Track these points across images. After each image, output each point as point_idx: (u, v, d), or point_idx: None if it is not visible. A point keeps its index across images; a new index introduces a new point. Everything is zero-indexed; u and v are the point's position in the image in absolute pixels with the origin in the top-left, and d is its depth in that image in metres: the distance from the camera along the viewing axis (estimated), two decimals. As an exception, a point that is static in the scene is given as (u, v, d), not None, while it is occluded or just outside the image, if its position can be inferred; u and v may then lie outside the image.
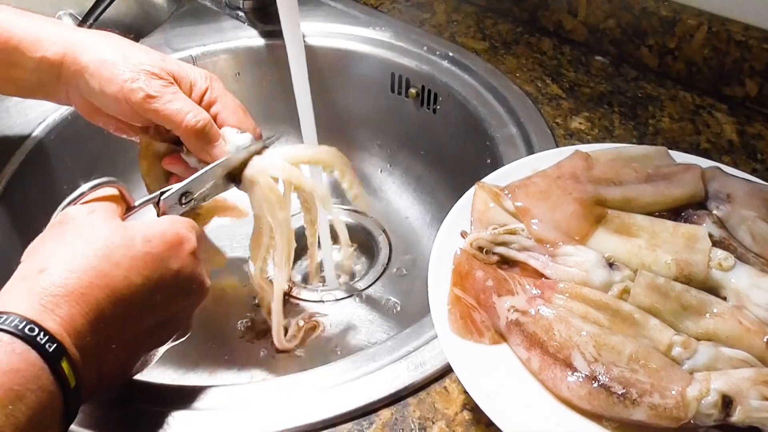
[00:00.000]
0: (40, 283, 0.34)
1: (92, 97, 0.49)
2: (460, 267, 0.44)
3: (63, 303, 0.34)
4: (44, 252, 0.37)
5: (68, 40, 0.49)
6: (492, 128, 0.67)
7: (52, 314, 0.33)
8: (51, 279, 0.34)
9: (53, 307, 0.33)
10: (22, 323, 0.32)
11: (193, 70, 0.52)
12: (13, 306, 0.33)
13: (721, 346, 0.39)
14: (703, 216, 0.47)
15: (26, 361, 0.31)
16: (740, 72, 0.68)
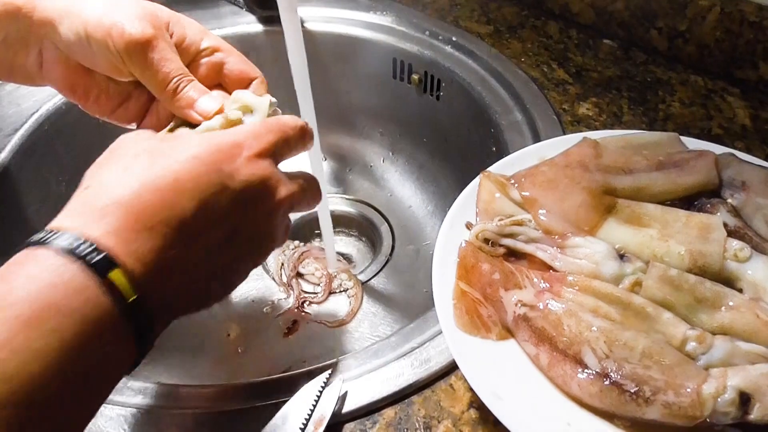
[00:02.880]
0: (83, 198, 0.32)
1: (72, 47, 0.43)
2: (466, 260, 0.42)
3: (110, 213, 0.31)
4: (91, 172, 0.35)
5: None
6: (497, 115, 0.65)
7: (100, 225, 0.31)
8: (96, 192, 0.32)
9: (100, 218, 0.31)
10: (64, 236, 0.30)
11: (186, 18, 0.46)
12: (58, 224, 0.31)
13: (737, 341, 0.37)
14: (717, 205, 0.45)
15: (67, 275, 0.29)
16: (753, 54, 0.65)
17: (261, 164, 0.38)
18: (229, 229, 0.37)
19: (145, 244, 0.31)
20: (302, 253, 0.74)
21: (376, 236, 0.79)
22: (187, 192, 0.34)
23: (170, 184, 0.33)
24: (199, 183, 0.34)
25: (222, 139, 0.37)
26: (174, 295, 0.34)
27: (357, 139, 0.86)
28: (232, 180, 0.36)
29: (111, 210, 0.31)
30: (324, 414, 0.39)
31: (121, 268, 0.30)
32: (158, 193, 0.33)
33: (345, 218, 0.81)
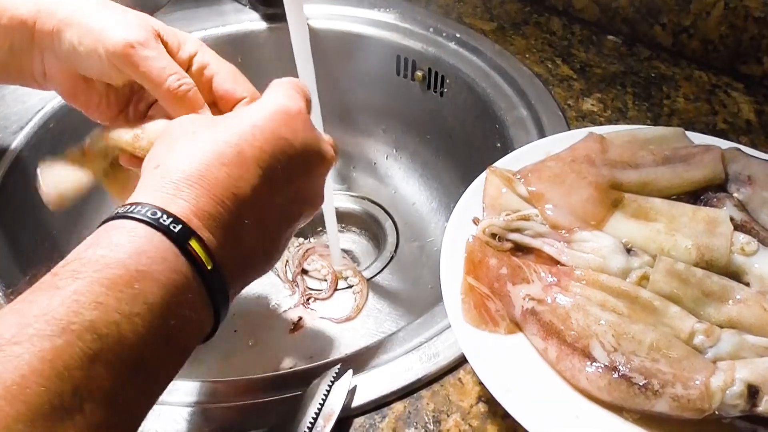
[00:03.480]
0: (158, 174, 0.34)
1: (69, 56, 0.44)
2: (473, 255, 0.43)
3: (184, 186, 0.33)
4: (157, 152, 0.36)
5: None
6: (501, 111, 0.65)
7: (176, 198, 0.32)
8: (168, 169, 0.34)
9: (175, 192, 0.33)
10: (144, 209, 0.31)
11: (181, 32, 0.47)
12: (138, 198, 0.33)
13: (745, 334, 0.37)
14: (724, 199, 0.45)
15: (150, 243, 0.30)
16: (758, 49, 0.65)
17: (310, 124, 0.39)
18: (292, 193, 0.38)
19: (218, 217, 0.33)
20: (307, 250, 0.75)
21: (380, 233, 0.79)
22: (252, 162, 0.35)
23: (235, 157, 0.35)
24: (262, 152, 0.36)
25: (273, 105, 0.38)
26: (244, 263, 0.36)
27: (361, 137, 0.86)
28: (291, 144, 0.37)
29: (184, 185, 0.33)
30: (334, 408, 0.39)
31: (197, 237, 0.32)
32: (224, 168, 0.34)
33: (349, 215, 0.81)
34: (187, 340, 0.32)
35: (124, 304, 0.28)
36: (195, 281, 0.31)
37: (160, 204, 0.32)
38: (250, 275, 0.37)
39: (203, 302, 0.32)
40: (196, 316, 0.32)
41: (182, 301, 0.30)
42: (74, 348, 0.26)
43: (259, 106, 0.38)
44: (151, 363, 0.29)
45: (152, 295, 0.29)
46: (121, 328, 0.27)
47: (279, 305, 0.69)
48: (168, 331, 0.30)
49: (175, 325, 0.30)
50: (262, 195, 0.35)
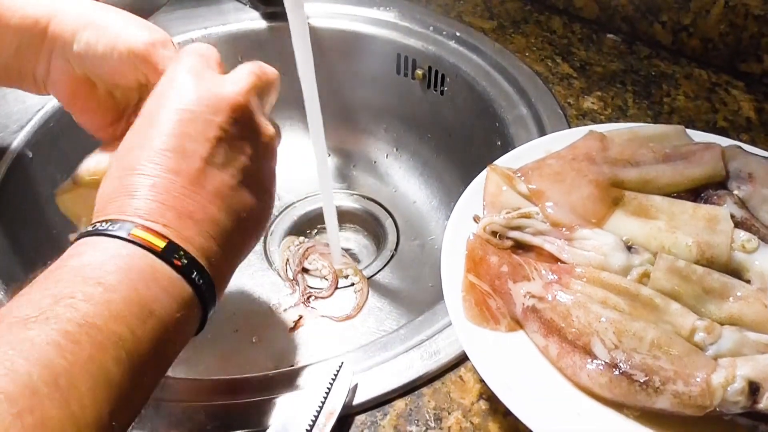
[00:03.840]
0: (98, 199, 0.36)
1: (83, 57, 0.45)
2: (474, 252, 0.43)
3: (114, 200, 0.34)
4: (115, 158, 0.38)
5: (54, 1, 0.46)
6: (502, 109, 0.66)
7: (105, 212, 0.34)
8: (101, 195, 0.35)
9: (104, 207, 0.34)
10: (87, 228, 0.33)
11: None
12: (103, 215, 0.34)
13: (746, 331, 0.37)
14: (724, 196, 0.45)
15: (92, 245, 0.32)
16: (758, 48, 0.66)
17: (198, 80, 0.38)
18: (215, 147, 0.37)
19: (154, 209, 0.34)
20: (307, 248, 0.75)
21: (380, 231, 0.79)
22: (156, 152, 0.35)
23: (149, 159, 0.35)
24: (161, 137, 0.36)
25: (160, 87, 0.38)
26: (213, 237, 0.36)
27: (361, 135, 0.86)
28: (181, 111, 0.37)
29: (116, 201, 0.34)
30: (335, 406, 0.39)
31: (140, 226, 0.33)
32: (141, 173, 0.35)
33: (350, 214, 0.81)
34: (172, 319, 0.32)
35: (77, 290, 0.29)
36: (152, 261, 0.32)
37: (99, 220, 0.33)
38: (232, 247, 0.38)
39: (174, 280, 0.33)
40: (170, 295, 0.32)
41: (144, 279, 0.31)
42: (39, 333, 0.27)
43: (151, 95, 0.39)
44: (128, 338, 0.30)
45: (106, 279, 0.30)
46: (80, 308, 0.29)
47: (279, 304, 0.69)
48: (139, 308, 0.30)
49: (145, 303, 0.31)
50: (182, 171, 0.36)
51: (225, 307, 0.69)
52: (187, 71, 0.39)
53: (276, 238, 0.77)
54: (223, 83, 0.39)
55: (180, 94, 0.37)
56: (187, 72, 0.39)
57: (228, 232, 0.37)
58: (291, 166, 0.84)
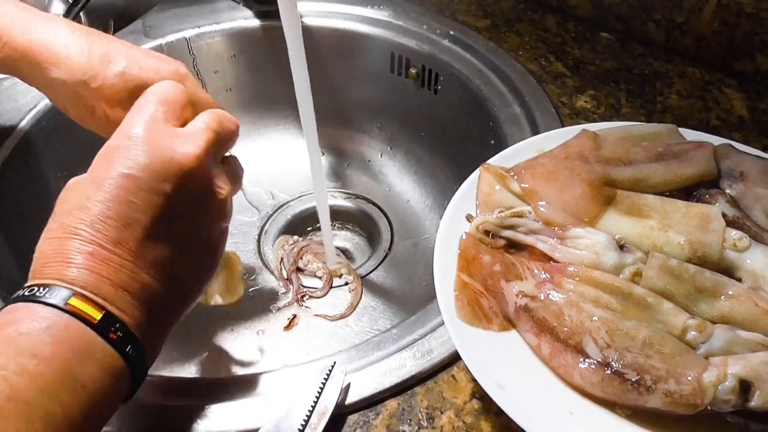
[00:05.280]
0: (31, 269, 0.35)
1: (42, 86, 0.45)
2: (467, 252, 0.43)
3: (46, 268, 0.33)
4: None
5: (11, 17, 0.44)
6: (495, 108, 0.65)
7: (45, 278, 0.33)
8: (34, 262, 0.35)
9: (41, 275, 0.33)
10: (20, 292, 0.33)
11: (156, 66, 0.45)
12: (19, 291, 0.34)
13: (737, 329, 0.38)
14: (716, 195, 0.46)
15: (28, 312, 0.31)
16: (751, 46, 0.66)
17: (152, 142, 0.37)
18: (161, 217, 0.36)
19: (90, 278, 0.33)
20: (301, 247, 0.74)
21: (374, 231, 0.79)
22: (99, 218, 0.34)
23: (83, 223, 0.34)
24: (106, 203, 0.35)
25: (110, 145, 0.37)
26: (148, 307, 0.35)
27: (355, 134, 0.86)
28: (132, 177, 0.35)
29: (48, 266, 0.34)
30: (327, 406, 0.39)
31: (78, 295, 0.32)
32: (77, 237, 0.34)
33: (343, 213, 0.81)
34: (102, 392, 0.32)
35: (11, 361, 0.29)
36: (88, 334, 0.32)
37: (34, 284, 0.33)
38: (166, 315, 0.37)
39: (107, 353, 0.32)
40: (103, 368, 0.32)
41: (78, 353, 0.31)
42: None
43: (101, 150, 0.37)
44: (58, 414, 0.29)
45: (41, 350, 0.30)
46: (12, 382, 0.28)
47: (273, 303, 0.69)
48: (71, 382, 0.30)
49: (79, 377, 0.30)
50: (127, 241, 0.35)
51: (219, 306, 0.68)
52: (143, 127, 0.37)
53: (270, 237, 0.77)
54: (177, 145, 0.37)
55: (129, 157, 0.36)
56: (142, 128, 0.37)
57: (165, 300, 0.37)
58: (284, 165, 0.83)
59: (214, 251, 0.41)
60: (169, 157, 0.36)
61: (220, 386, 0.43)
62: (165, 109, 0.39)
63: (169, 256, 0.37)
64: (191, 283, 0.39)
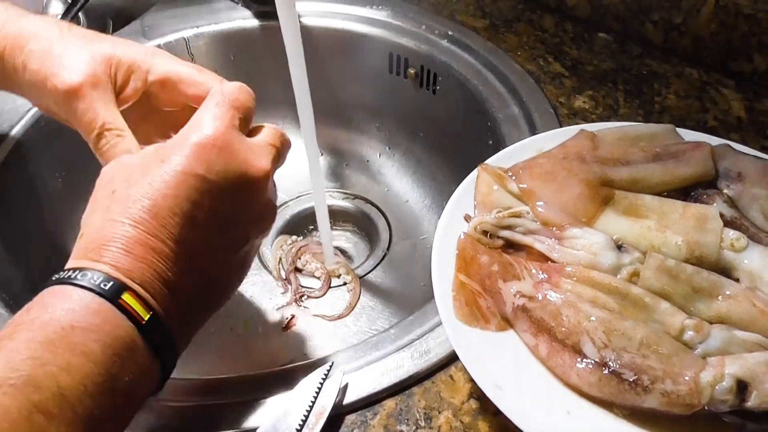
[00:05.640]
0: (80, 246, 0.34)
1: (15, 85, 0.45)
2: (465, 252, 0.43)
3: (105, 252, 0.33)
4: (83, 219, 0.36)
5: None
6: (493, 108, 0.66)
7: (100, 262, 0.33)
8: (87, 240, 0.34)
9: (98, 258, 0.33)
10: (75, 273, 0.32)
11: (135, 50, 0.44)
12: (67, 267, 0.33)
13: (734, 329, 0.38)
14: (714, 195, 0.46)
15: (83, 301, 0.31)
16: (748, 47, 0.66)
17: (229, 147, 0.37)
18: (224, 223, 0.37)
19: (145, 273, 0.33)
20: (300, 248, 0.74)
21: (373, 231, 0.79)
22: (167, 214, 0.34)
23: (148, 214, 0.34)
24: (176, 198, 0.35)
25: (188, 140, 0.36)
26: (190, 308, 0.36)
27: (353, 134, 0.86)
28: (206, 179, 0.36)
29: (107, 249, 0.33)
30: (325, 406, 0.39)
31: (130, 291, 0.32)
32: (140, 226, 0.34)
33: (342, 213, 0.81)
34: (133, 390, 0.32)
35: (60, 357, 0.28)
36: (134, 333, 0.32)
37: (90, 266, 0.32)
38: (199, 316, 0.38)
39: (146, 353, 0.32)
40: (141, 367, 0.32)
41: (122, 353, 0.31)
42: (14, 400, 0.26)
43: (175, 142, 0.37)
44: (96, 414, 0.29)
45: (90, 347, 0.30)
46: (60, 380, 0.28)
47: (272, 303, 0.69)
48: (111, 382, 0.30)
49: (118, 376, 0.30)
50: (185, 241, 0.35)
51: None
52: (223, 132, 0.37)
53: (269, 237, 0.77)
54: (251, 158, 0.38)
55: (207, 159, 0.36)
56: (222, 133, 0.37)
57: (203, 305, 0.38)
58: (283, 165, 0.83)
59: (250, 260, 0.42)
60: (244, 170, 0.37)
61: (217, 386, 0.43)
62: (241, 116, 0.39)
63: (219, 263, 0.38)
64: (228, 291, 0.40)
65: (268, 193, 0.41)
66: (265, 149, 0.40)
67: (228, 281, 0.40)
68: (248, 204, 0.39)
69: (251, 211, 0.39)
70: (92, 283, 0.31)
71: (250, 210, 0.39)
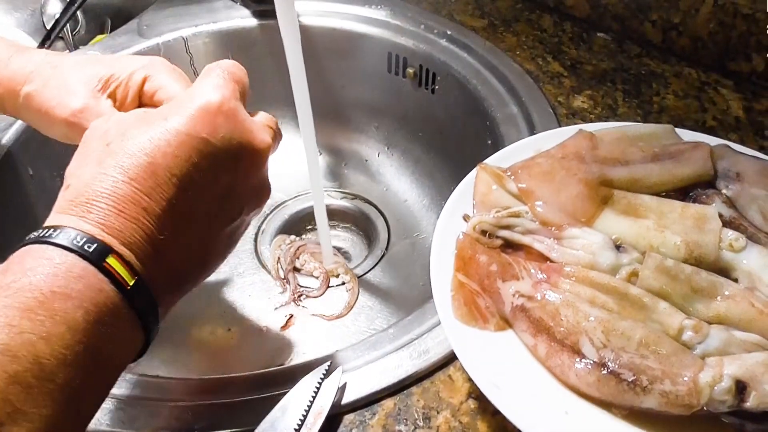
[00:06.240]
0: (66, 197, 0.32)
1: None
2: (463, 251, 0.43)
3: (92, 209, 0.31)
4: (69, 170, 0.35)
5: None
6: (492, 108, 0.66)
7: (86, 219, 0.31)
8: (75, 192, 0.32)
9: (84, 214, 0.31)
10: (57, 231, 0.30)
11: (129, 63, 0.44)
12: (49, 223, 0.32)
13: (733, 330, 0.38)
14: (712, 195, 0.46)
15: (65, 264, 0.29)
16: (747, 47, 0.66)
17: (235, 115, 0.37)
18: (221, 192, 0.36)
19: (133, 234, 0.32)
20: (298, 247, 0.74)
21: (371, 230, 0.79)
22: (164, 172, 0.33)
23: (145, 171, 0.33)
24: (176, 158, 0.33)
25: (192, 103, 0.35)
26: (174, 275, 0.35)
27: (352, 134, 0.86)
28: (210, 143, 0.35)
29: (92, 206, 0.31)
30: (323, 405, 0.39)
31: (115, 254, 0.31)
32: (132, 183, 0.32)
33: (341, 212, 0.81)
34: (115, 358, 0.31)
35: (39, 325, 0.27)
36: (118, 299, 0.30)
37: (74, 224, 0.31)
38: (184, 285, 0.36)
39: (129, 320, 0.31)
40: (123, 334, 0.31)
41: (105, 319, 0.29)
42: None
43: (178, 104, 0.36)
44: (76, 384, 0.28)
45: (71, 314, 0.28)
46: (38, 349, 0.27)
47: (270, 303, 0.69)
48: (92, 350, 0.29)
49: (100, 344, 0.29)
50: (180, 204, 0.34)
51: (216, 305, 0.68)
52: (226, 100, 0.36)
53: (267, 236, 0.77)
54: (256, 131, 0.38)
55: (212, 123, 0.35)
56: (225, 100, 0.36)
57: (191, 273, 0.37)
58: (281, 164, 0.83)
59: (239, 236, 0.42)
60: (249, 140, 0.37)
61: (216, 386, 0.43)
62: (240, 89, 0.38)
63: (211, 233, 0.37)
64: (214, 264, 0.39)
65: (265, 171, 0.40)
66: (265, 127, 0.39)
67: (216, 253, 0.39)
68: (247, 175, 0.38)
69: (248, 184, 0.39)
70: (75, 245, 0.30)
71: (247, 182, 0.38)
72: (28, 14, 0.88)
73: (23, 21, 0.87)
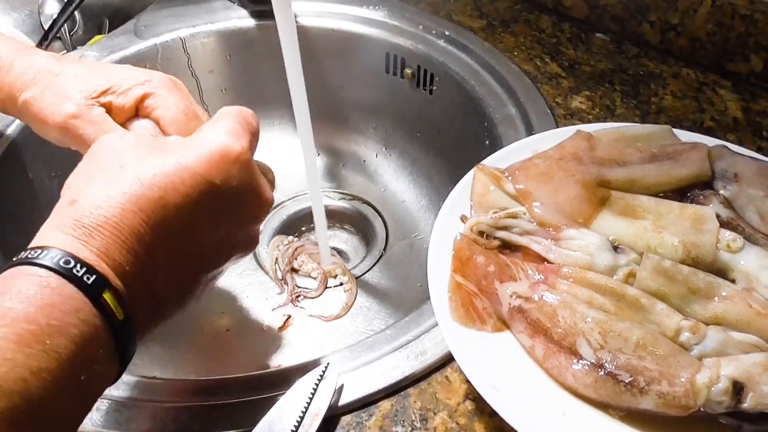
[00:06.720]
0: (72, 215, 0.32)
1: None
2: (461, 252, 0.43)
3: (96, 234, 0.31)
4: (76, 183, 0.34)
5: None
6: (490, 109, 0.65)
7: (87, 245, 0.31)
8: (81, 210, 0.32)
9: (87, 239, 0.31)
10: (55, 255, 0.30)
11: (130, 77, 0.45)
12: (48, 241, 0.31)
13: (730, 331, 0.38)
14: (710, 196, 0.46)
15: (62, 295, 0.29)
16: (745, 47, 0.66)
17: (250, 167, 0.38)
18: (218, 238, 0.37)
19: (133, 267, 0.32)
20: (296, 248, 0.74)
21: (369, 231, 0.79)
22: (173, 210, 0.33)
23: (155, 204, 0.33)
24: (186, 197, 0.34)
25: (211, 146, 0.36)
26: (156, 311, 0.35)
27: (350, 134, 0.85)
28: (221, 190, 0.35)
29: (96, 232, 0.31)
30: (320, 407, 0.39)
31: (112, 289, 0.31)
32: (141, 214, 0.32)
33: (339, 213, 0.81)
34: (93, 391, 0.31)
35: (33, 360, 0.27)
36: (105, 333, 0.30)
37: (72, 250, 0.30)
38: (161, 321, 0.36)
39: (111, 353, 0.31)
40: (105, 365, 0.31)
41: (92, 354, 0.30)
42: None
43: (196, 144, 0.36)
44: (58, 416, 0.28)
45: (63, 350, 0.28)
46: (30, 385, 0.27)
47: (268, 303, 0.69)
48: (77, 382, 0.29)
49: (84, 377, 0.29)
50: (179, 243, 0.34)
51: (214, 306, 0.68)
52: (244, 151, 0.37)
53: (265, 237, 0.77)
54: (263, 185, 0.39)
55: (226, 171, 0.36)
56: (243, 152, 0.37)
57: (166, 318, 0.37)
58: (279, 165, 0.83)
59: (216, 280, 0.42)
60: (259, 194, 0.38)
61: (213, 387, 0.43)
62: (255, 142, 0.40)
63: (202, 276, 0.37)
64: (191, 304, 0.39)
65: (260, 225, 0.42)
66: (268, 183, 0.41)
67: (194, 295, 0.39)
68: (245, 226, 0.39)
69: (243, 234, 0.40)
70: (75, 275, 0.30)
71: (243, 232, 0.40)
72: (26, 14, 0.87)
73: (21, 21, 0.87)
